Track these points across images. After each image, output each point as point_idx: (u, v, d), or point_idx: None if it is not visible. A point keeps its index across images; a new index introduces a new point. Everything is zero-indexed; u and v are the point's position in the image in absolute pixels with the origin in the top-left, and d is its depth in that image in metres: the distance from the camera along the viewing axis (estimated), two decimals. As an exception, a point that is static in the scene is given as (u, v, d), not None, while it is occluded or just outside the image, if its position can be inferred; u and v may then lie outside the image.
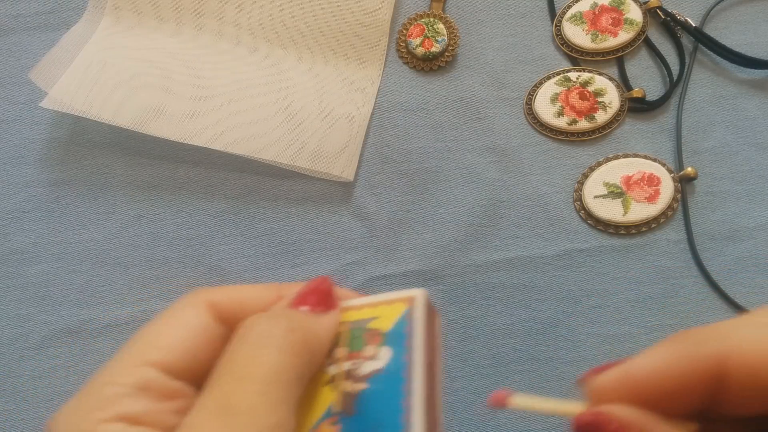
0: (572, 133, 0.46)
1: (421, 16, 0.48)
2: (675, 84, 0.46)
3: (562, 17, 0.48)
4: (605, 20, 0.47)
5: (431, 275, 0.43)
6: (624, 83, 0.47)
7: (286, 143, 0.44)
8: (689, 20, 0.47)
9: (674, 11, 0.48)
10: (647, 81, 0.47)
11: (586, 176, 0.45)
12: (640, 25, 0.47)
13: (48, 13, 0.49)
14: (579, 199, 0.44)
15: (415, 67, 0.48)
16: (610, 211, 0.43)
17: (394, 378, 0.21)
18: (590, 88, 0.46)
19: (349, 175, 0.44)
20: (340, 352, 0.23)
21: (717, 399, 0.18)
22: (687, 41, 0.48)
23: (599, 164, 0.45)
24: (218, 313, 0.23)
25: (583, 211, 0.44)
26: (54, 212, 0.44)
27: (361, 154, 0.45)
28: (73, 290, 0.42)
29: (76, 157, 0.45)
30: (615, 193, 0.44)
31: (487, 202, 0.44)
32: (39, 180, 0.45)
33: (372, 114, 0.46)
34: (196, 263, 0.43)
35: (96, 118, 0.43)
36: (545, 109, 0.46)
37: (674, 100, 0.46)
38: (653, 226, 0.44)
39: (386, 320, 0.23)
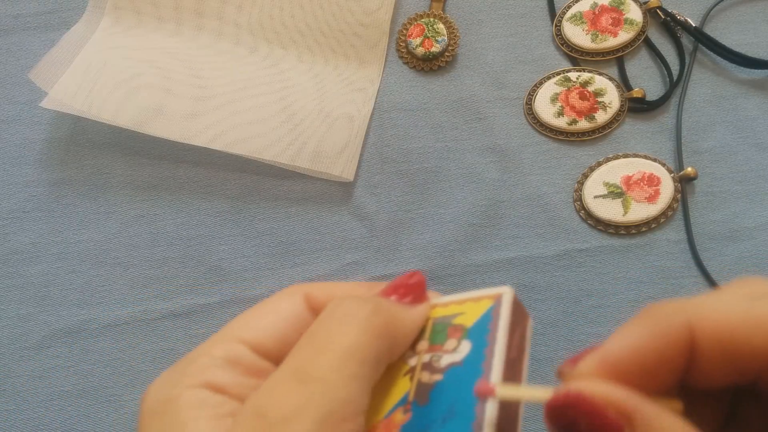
0: (572, 133, 0.46)
1: (421, 16, 0.48)
2: (675, 84, 0.46)
3: (562, 17, 0.48)
4: (605, 20, 0.47)
5: (431, 275, 0.43)
6: (624, 83, 0.47)
7: (286, 143, 0.44)
8: (689, 20, 0.47)
9: (674, 11, 0.48)
10: (647, 81, 0.47)
11: (586, 176, 0.45)
12: (640, 25, 0.47)
13: (48, 13, 0.49)
14: (579, 199, 0.44)
15: (415, 67, 0.48)
16: (610, 211, 0.43)
17: (471, 369, 0.21)
18: (590, 88, 0.46)
19: (349, 175, 0.44)
20: (422, 345, 0.23)
21: (691, 372, 0.18)
22: (687, 41, 0.48)
23: (599, 164, 0.45)
24: (313, 305, 0.24)
25: (583, 211, 0.44)
26: (54, 212, 0.44)
27: (361, 154, 0.45)
28: (73, 290, 0.42)
29: (76, 157, 0.45)
30: (615, 193, 0.44)
31: (487, 202, 0.44)
32: (39, 180, 0.45)
33: (372, 114, 0.46)
34: (196, 263, 0.43)
35: (96, 118, 0.43)
36: (545, 109, 0.46)
37: (674, 100, 0.46)
38: (653, 226, 0.44)
39: (471, 316, 0.23)
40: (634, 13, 0.47)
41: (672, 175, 0.44)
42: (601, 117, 0.45)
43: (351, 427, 0.19)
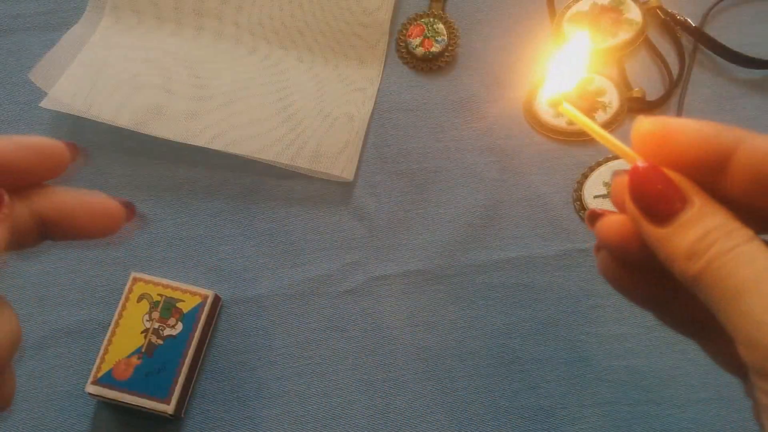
0: (572, 133, 0.46)
1: (421, 16, 0.48)
2: (675, 84, 0.46)
3: (562, 17, 0.48)
4: (605, 20, 0.47)
5: (431, 275, 0.43)
6: (624, 83, 0.47)
7: (286, 143, 0.44)
8: (689, 20, 0.47)
9: (674, 11, 0.48)
10: (647, 81, 0.47)
11: (585, 176, 0.45)
12: (640, 25, 0.47)
13: (48, 13, 0.49)
14: (579, 199, 0.44)
15: (414, 67, 0.48)
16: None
17: (179, 343, 0.39)
18: (590, 88, 0.46)
19: (349, 175, 0.44)
20: (155, 314, 0.39)
21: (717, 180, 0.21)
22: (687, 41, 0.48)
23: (599, 164, 0.45)
24: None
25: (583, 211, 0.44)
26: (54, 212, 0.44)
27: (361, 154, 0.45)
28: (73, 290, 0.42)
29: (76, 157, 0.45)
30: (615, 193, 0.44)
31: (487, 202, 0.44)
32: (39, 180, 0.45)
33: (372, 114, 0.46)
34: (196, 263, 0.43)
35: (96, 118, 0.43)
36: (545, 109, 0.46)
37: (674, 100, 0.46)
38: (653, 226, 0.43)
39: (188, 305, 0.40)
40: (634, 13, 0.47)
41: (672, 175, 0.44)
42: (601, 117, 0.45)
43: None
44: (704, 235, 0.20)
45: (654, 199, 0.21)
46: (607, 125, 0.46)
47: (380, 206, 0.44)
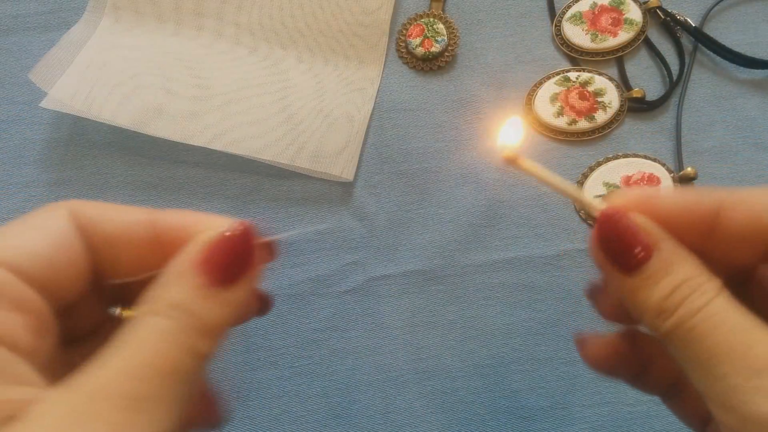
0: (572, 133, 0.46)
1: (421, 16, 0.48)
2: (675, 84, 0.46)
3: (561, 17, 0.48)
4: (605, 20, 0.47)
5: (431, 275, 0.43)
6: (624, 83, 0.47)
7: (286, 143, 0.44)
8: (689, 20, 0.47)
9: (674, 11, 0.48)
10: (647, 81, 0.47)
11: (585, 176, 0.45)
12: (640, 25, 0.47)
13: (48, 13, 0.49)
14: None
15: (414, 67, 0.48)
16: (610, 211, 0.43)
17: None
18: (590, 88, 0.46)
19: (348, 175, 0.44)
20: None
21: (710, 246, 0.21)
22: (687, 41, 0.48)
23: (599, 164, 0.45)
24: (81, 222, 0.21)
25: (582, 211, 0.44)
26: (54, 212, 0.44)
27: (361, 154, 0.45)
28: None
29: (75, 157, 0.45)
30: (615, 193, 0.44)
31: (487, 202, 0.44)
32: (39, 180, 0.45)
33: (372, 114, 0.46)
34: (196, 263, 0.43)
35: (96, 118, 0.43)
36: (545, 109, 0.46)
37: (674, 100, 0.46)
38: (653, 226, 0.43)
39: None
40: (634, 13, 0.47)
41: (672, 175, 0.44)
42: (601, 117, 0.45)
43: None
44: (673, 290, 0.19)
45: (620, 247, 0.20)
46: (607, 125, 0.46)
47: (380, 206, 0.44)
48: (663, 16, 0.48)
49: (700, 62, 0.47)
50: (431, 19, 0.48)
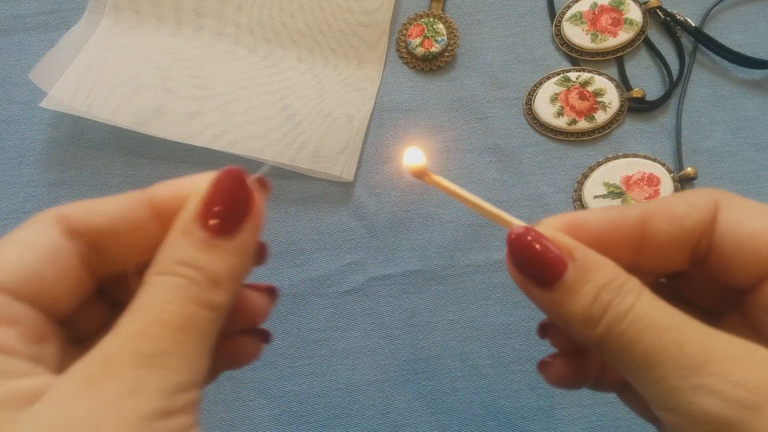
0: (572, 133, 0.46)
1: (421, 16, 0.48)
2: (675, 84, 0.46)
3: (561, 17, 0.48)
4: (605, 20, 0.47)
5: (431, 275, 0.43)
6: (624, 83, 0.47)
7: (286, 143, 0.44)
8: (689, 20, 0.47)
9: (674, 11, 0.48)
10: (647, 81, 0.47)
11: (585, 176, 0.45)
12: (640, 25, 0.47)
13: (48, 13, 0.49)
14: (579, 199, 0.44)
15: (414, 67, 0.48)
16: (610, 211, 0.43)
17: None
18: (590, 88, 0.46)
19: (348, 175, 0.44)
20: None
21: (640, 257, 0.21)
22: (687, 41, 0.48)
23: (599, 164, 0.45)
24: (72, 227, 0.21)
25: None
26: (54, 212, 0.44)
27: (361, 154, 0.45)
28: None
29: (75, 157, 0.45)
30: (615, 193, 0.44)
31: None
32: (39, 180, 0.45)
33: (372, 114, 0.46)
34: (196, 263, 0.43)
35: (96, 118, 0.43)
36: (545, 109, 0.46)
37: (674, 100, 0.46)
38: (653, 226, 0.43)
39: None
40: (634, 13, 0.47)
41: (672, 175, 0.44)
42: (601, 117, 0.45)
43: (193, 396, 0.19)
44: (595, 296, 0.19)
45: (533, 263, 0.20)
46: (607, 125, 0.46)
47: (380, 206, 0.44)
48: (663, 16, 0.48)
49: (700, 62, 0.47)
50: (431, 19, 0.48)
